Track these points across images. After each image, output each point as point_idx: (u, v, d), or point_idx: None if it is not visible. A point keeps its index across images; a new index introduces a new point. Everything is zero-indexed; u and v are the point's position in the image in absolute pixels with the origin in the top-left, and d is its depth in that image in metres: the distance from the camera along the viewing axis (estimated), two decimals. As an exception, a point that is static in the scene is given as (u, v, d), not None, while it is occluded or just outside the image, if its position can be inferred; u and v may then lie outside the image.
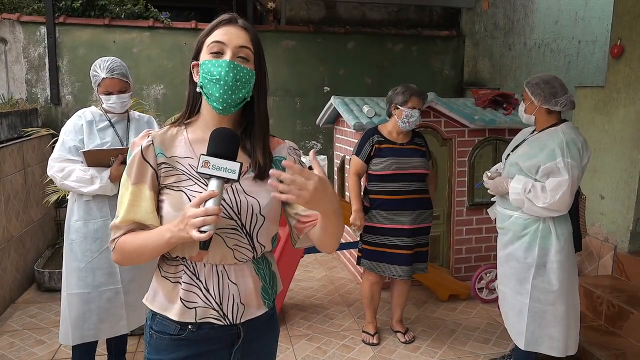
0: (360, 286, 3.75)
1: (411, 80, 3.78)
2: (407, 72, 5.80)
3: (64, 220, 2.50)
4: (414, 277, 3.30)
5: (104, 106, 2.45)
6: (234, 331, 1.28)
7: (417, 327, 3.41)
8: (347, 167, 4.10)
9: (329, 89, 5.66)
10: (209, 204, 1.11)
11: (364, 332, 3.26)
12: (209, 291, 1.23)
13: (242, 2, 6.22)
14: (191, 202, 1.13)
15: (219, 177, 1.13)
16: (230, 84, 1.19)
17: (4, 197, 3.64)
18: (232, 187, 1.23)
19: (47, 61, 4.99)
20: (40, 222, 4.37)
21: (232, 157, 1.15)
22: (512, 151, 2.64)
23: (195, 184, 1.21)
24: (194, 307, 1.22)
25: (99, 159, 2.36)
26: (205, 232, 1.09)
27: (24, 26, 4.93)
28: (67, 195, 2.56)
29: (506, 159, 2.67)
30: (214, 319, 1.24)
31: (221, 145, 1.16)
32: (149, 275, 1.36)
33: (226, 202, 1.20)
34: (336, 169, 4.78)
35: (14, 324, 3.37)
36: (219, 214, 1.10)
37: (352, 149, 3.18)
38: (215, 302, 1.23)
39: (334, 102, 4.21)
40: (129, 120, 2.54)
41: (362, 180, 3.12)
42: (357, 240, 3.22)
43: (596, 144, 3.60)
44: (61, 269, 2.52)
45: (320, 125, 4.84)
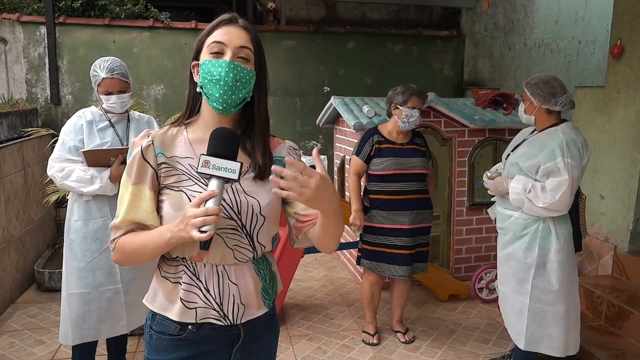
0: (360, 286, 3.75)
1: (411, 80, 3.78)
2: (407, 72, 5.80)
3: (64, 220, 2.50)
4: (414, 277, 3.30)
5: (104, 106, 2.45)
6: (234, 331, 1.28)
7: (417, 327, 3.41)
8: (347, 167, 4.10)
9: (329, 89, 5.66)
10: (209, 204, 1.10)
11: (364, 332, 3.26)
12: (209, 291, 1.23)
13: (242, 2, 6.22)
14: (191, 202, 1.12)
15: (219, 177, 1.13)
16: (230, 85, 1.18)
17: (4, 197, 3.64)
18: (232, 187, 1.23)
19: (47, 61, 4.99)
20: (40, 222, 4.37)
21: (232, 157, 1.15)
22: (512, 151, 2.64)
23: (195, 184, 1.21)
24: (194, 308, 1.22)
25: (99, 159, 2.36)
26: (205, 232, 1.08)
27: (24, 26, 4.93)
28: (67, 195, 2.56)
29: (506, 159, 2.67)
30: (214, 319, 1.24)
31: (221, 145, 1.15)
32: (149, 275, 1.36)
33: (226, 202, 1.20)
34: (336, 169, 4.78)
35: (14, 324, 3.37)
36: (219, 214, 1.10)
37: (352, 149, 3.18)
38: (215, 302, 1.23)
39: (334, 102, 4.21)
40: (129, 120, 2.54)
41: (362, 180, 3.13)
42: (357, 240, 3.22)
43: (596, 144, 3.60)
44: (61, 269, 2.52)
45: (320, 125, 4.84)
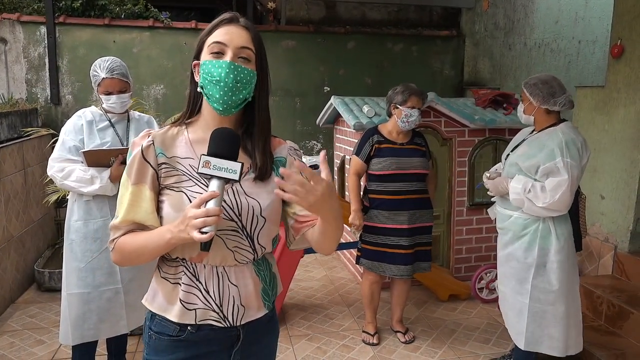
0: (360, 286, 3.75)
1: (411, 80, 3.77)
2: (407, 72, 5.80)
3: (64, 220, 2.50)
4: (414, 277, 3.30)
5: (104, 106, 2.45)
6: (233, 333, 1.27)
7: (417, 327, 3.41)
8: (347, 167, 4.10)
9: (329, 89, 5.65)
10: (210, 205, 1.10)
11: (364, 332, 3.26)
12: (209, 293, 1.22)
13: (242, 2, 6.22)
14: (192, 203, 1.12)
15: (219, 178, 1.13)
16: (230, 86, 1.18)
17: (4, 197, 3.64)
18: (232, 189, 1.22)
19: (47, 61, 4.99)
20: (40, 222, 4.37)
21: (233, 158, 1.14)
22: (511, 151, 2.64)
23: (195, 184, 1.21)
24: (194, 309, 1.22)
25: (99, 159, 2.36)
26: (206, 233, 1.08)
27: (24, 26, 4.93)
28: (67, 195, 2.56)
29: (506, 159, 2.67)
30: (214, 320, 1.23)
31: (222, 145, 1.15)
32: (149, 275, 1.36)
33: (227, 204, 1.20)
34: (336, 169, 4.78)
35: (14, 324, 3.37)
36: (220, 215, 1.10)
37: (352, 149, 3.18)
38: (215, 303, 1.22)
39: (334, 102, 4.21)
40: (129, 120, 2.54)
41: (362, 180, 3.13)
42: (357, 240, 3.22)
43: (596, 143, 3.60)
44: (61, 269, 2.52)
45: (320, 125, 4.84)
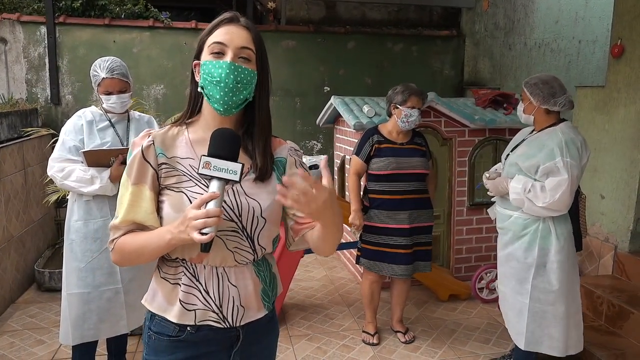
0: (360, 286, 3.75)
1: (411, 80, 3.77)
2: (407, 72, 5.80)
3: (64, 220, 2.50)
4: (414, 276, 3.30)
5: (104, 106, 2.45)
6: (233, 334, 1.27)
7: (417, 327, 3.41)
8: (347, 167, 4.10)
9: (329, 89, 5.66)
10: (210, 206, 1.09)
11: (364, 332, 3.26)
12: (208, 293, 1.22)
13: (242, 2, 6.21)
14: (192, 203, 1.11)
15: (220, 179, 1.12)
16: (230, 86, 1.17)
17: (4, 197, 3.64)
18: (232, 189, 1.22)
19: (47, 61, 4.99)
20: (40, 222, 4.37)
21: (233, 158, 1.14)
22: (511, 151, 2.64)
23: (195, 185, 1.20)
24: (194, 310, 1.22)
25: (99, 159, 2.36)
26: (206, 234, 1.08)
27: (24, 26, 4.93)
28: (67, 195, 2.55)
29: (505, 159, 2.67)
30: (213, 321, 1.23)
31: (222, 146, 1.14)
32: (149, 275, 1.35)
33: (227, 204, 1.19)
34: (336, 168, 4.78)
35: (14, 324, 3.37)
36: (220, 215, 1.10)
37: (352, 149, 3.18)
38: (215, 304, 1.22)
39: (334, 102, 4.21)
40: (129, 120, 2.54)
41: (362, 179, 3.13)
42: (357, 240, 3.22)
43: (596, 143, 3.60)
44: (61, 269, 2.52)
45: (320, 125, 4.84)
